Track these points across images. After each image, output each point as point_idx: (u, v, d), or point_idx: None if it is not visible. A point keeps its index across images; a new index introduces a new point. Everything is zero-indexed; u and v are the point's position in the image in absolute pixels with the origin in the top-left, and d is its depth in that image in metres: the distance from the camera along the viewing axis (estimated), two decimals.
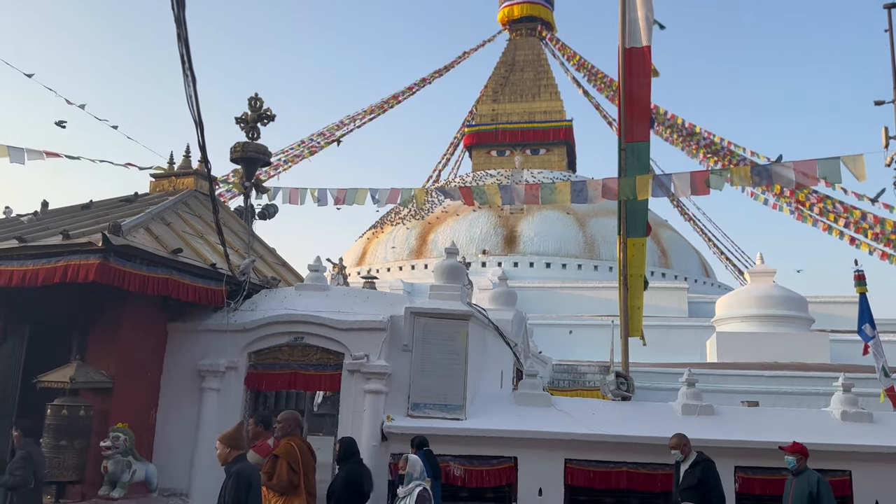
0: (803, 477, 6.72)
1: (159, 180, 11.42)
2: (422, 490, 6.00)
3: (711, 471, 6.96)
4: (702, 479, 6.91)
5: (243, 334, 8.90)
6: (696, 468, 7.00)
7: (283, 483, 5.99)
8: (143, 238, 8.14)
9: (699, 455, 7.11)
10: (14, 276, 7.54)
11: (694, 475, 6.99)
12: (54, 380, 7.75)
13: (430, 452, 7.65)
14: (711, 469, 6.97)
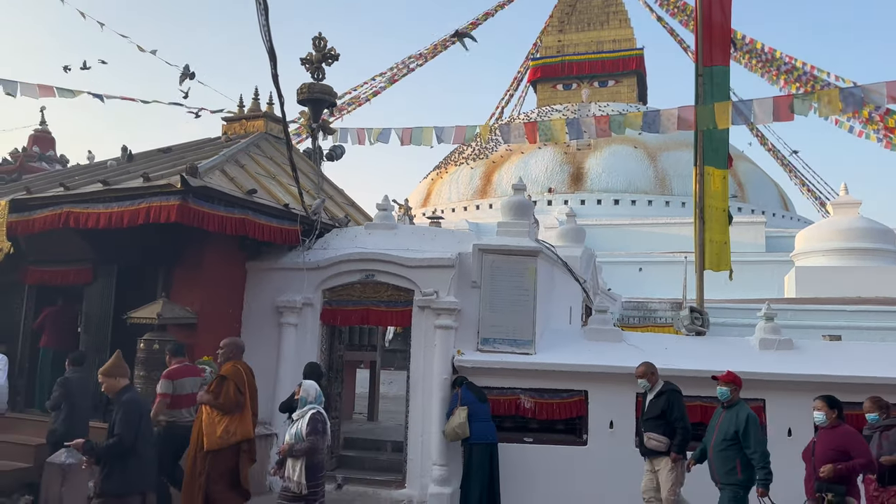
0: (733, 411, 6.30)
1: (230, 123, 11.66)
2: (315, 413, 5.90)
3: (676, 401, 6.75)
4: (665, 409, 6.75)
5: (317, 272, 9.15)
6: (661, 398, 6.84)
7: (231, 402, 6.36)
8: (218, 179, 8.38)
9: (665, 385, 6.93)
10: (101, 218, 7.91)
11: (658, 405, 6.85)
12: (143, 316, 8.19)
13: (472, 384, 8.07)
14: (676, 399, 6.75)
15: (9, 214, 8.46)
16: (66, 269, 9.42)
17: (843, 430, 5.71)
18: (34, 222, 8.38)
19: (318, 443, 5.74)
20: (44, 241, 9.13)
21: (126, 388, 5.66)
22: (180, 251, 8.68)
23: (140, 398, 5.71)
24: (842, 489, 5.48)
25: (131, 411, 5.44)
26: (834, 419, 5.74)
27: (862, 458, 5.51)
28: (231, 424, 6.27)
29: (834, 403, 5.79)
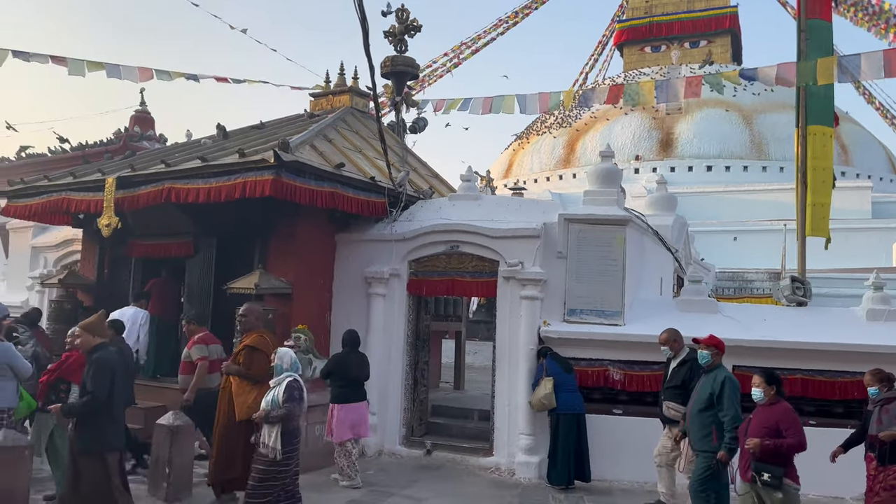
0: (711, 375, 6.02)
1: (318, 99, 11.90)
2: (291, 381, 5.90)
3: (698, 371, 6.36)
4: (686, 379, 6.52)
5: (403, 243, 9.28)
6: (683, 367, 6.60)
7: (262, 372, 6.32)
8: (308, 154, 8.59)
9: (689, 353, 6.60)
10: (200, 193, 8.27)
11: (679, 374, 6.62)
12: (241, 286, 8.57)
13: (556, 354, 8.07)
14: (698, 369, 6.36)
15: (116, 191, 8.98)
16: (168, 243, 9.95)
17: (780, 407, 5.30)
18: (139, 198, 8.85)
19: (294, 409, 5.80)
20: (148, 216, 9.67)
21: (98, 347, 5.60)
22: (274, 224, 8.99)
23: (112, 356, 5.60)
24: (780, 470, 5.07)
25: (102, 369, 5.42)
26: (772, 396, 5.33)
27: (792, 437, 5.11)
28: (261, 395, 6.15)
29: (772, 379, 5.38)
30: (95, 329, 5.73)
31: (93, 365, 5.45)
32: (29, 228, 14.20)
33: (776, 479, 5.02)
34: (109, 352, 5.64)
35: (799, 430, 5.17)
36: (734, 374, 7.78)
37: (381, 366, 9.11)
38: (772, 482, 5.02)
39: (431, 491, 7.39)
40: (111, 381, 5.42)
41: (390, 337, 9.25)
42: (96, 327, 5.78)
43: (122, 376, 5.66)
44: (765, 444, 5.07)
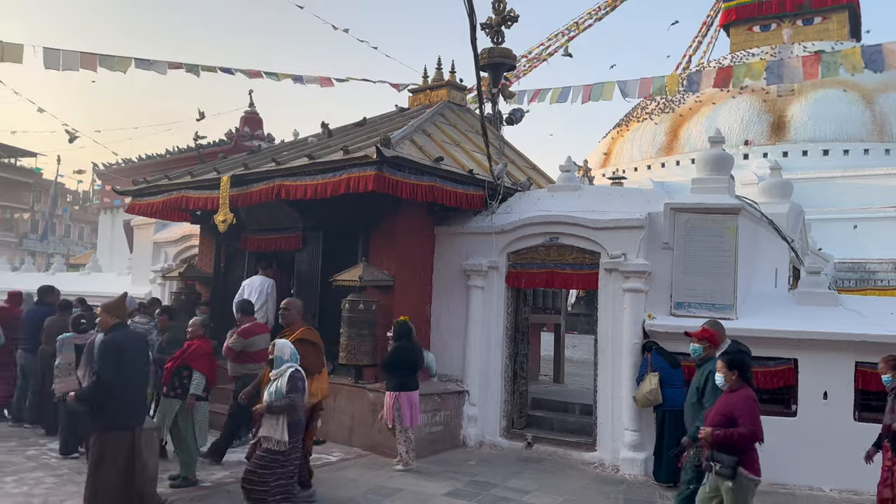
0: (703, 368, 5.73)
1: (416, 95, 12.08)
2: (294, 371, 5.77)
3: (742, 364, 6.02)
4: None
5: (502, 236, 9.28)
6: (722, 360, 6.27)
7: (316, 364, 6.39)
8: (408, 149, 8.74)
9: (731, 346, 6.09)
10: (308, 189, 8.59)
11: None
12: (346, 279, 8.85)
13: (662, 349, 7.83)
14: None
15: (230, 188, 9.48)
16: (278, 237, 10.42)
17: (739, 394, 4.91)
18: (251, 195, 9.31)
19: (297, 400, 5.71)
20: (259, 212, 10.16)
21: (113, 327, 5.62)
22: (376, 218, 9.21)
23: (121, 338, 5.58)
24: (732, 460, 4.72)
25: (108, 350, 5.46)
26: (734, 381, 4.96)
27: (744, 426, 4.73)
28: (312, 385, 6.17)
29: (733, 364, 4.98)
30: (115, 311, 5.78)
31: (101, 346, 5.55)
32: (151, 225, 15.22)
33: (728, 469, 4.74)
34: (120, 333, 5.65)
35: (753, 419, 4.79)
36: (857, 370, 7.36)
37: (480, 358, 9.18)
38: (723, 472, 4.75)
39: (535, 483, 7.36)
40: (117, 362, 5.44)
41: (489, 329, 9.27)
42: (115, 309, 5.81)
43: (132, 357, 5.63)
44: (715, 433, 4.81)
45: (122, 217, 20.58)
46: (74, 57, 10.13)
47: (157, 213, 11.47)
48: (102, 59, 10.09)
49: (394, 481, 7.23)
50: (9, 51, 9.74)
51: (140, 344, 5.96)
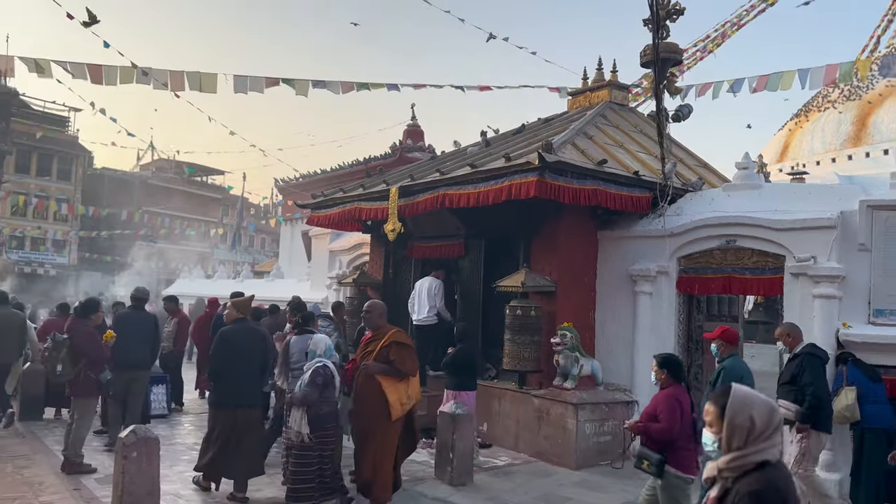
0: (719, 367, 5.95)
1: (575, 97, 11.91)
2: (319, 366, 5.80)
3: (809, 365, 6.20)
4: (795, 374, 6.25)
5: (671, 239, 8.87)
6: (794, 362, 6.34)
7: (413, 368, 6.16)
8: (570, 153, 8.64)
9: (803, 348, 6.38)
10: (470, 197, 8.77)
11: (789, 370, 6.35)
12: (508, 284, 8.91)
13: (859, 361, 7.07)
14: (809, 363, 6.21)
15: (398, 199, 9.92)
16: (442, 244, 10.74)
17: (665, 392, 5.08)
18: (417, 205, 9.67)
19: (311, 395, 5.71)
20: (425, 221, 10.54)
21: (234, 321, 6.70)
22: (538, 223, 9.19)
23: (230, 332, 6.60)
24: (656, 457, 4.76)
25: (219, 342, 6.53)
26: (664, 380, 5.13)
27: (663, 423, 4.85)
28: (409, 389, 6.10)
29: (664, 363, 5.17)
30: (240, 307, 6.90)
31: (215, 338, 6.64)
32: (327, 234, 16.32)
33: (654, 467, 4.78)
34: (234, 327, 6.67)
35: (671, 416, 4.87)
36: None
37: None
38: (650, 470, 4.82)
39: None
40: (226, 352, 6.46)
41: (659, 337, 8.89)
42: (241, 306, 6.93)
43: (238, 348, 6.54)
44: (636, 425, 5.00)
45: (300, 227, 22.28)
46: (260, 81, 11.13)
47: (333, 223, 12.27)
48: (284, 81, 10.99)
49: (563, 490, 7.14)
50: (206, 81, 10.91)
51: (250, 338, 6.71)
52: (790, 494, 2.30)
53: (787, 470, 2.43)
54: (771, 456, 2.31)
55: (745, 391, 2.41)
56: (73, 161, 46.32)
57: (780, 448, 2.35)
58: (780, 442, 2.35)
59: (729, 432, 2.34)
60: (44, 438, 8.71)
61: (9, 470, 7.16)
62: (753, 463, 2.28)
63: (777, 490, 2.25)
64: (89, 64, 10.35)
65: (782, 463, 2.40)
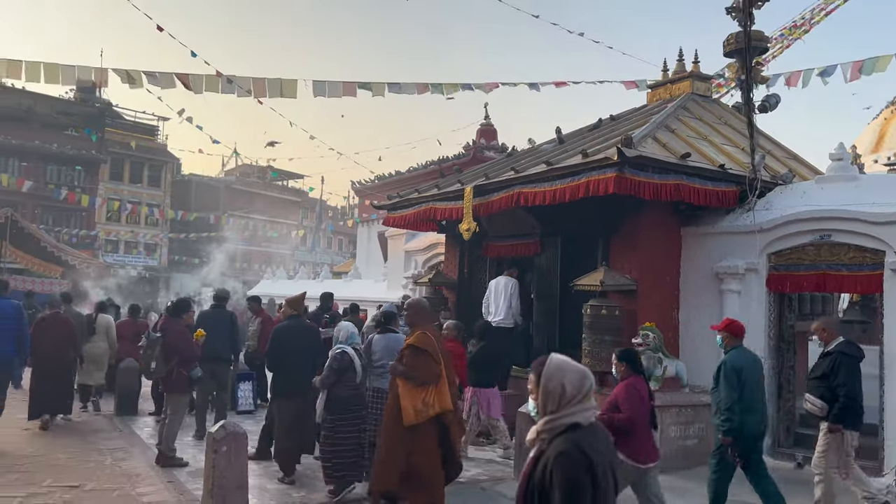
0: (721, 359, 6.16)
1: (655, 90, 11.58)
2: (337, 353, 6.29)
3: (843, 364, 6.00)
4: (827, 371, 6.07)
5: (760, 235, 8.47)
6: (827, 358, 6.18)
7: (428, 374, 5.58)
8: (651, 147, 8.38)
9: (837, 345, 6.19)
10: (546, 195, 8.65)
11: (822, 365, 6.20)
12: (587, 283, 8.73)
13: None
14: (843, 362, 6.01)
15: (473, 198, 9.90)
16: (517, 243, 10.65)
17: (626, 382, 5.45)
18: (492, 204, 9.62)
19: (327, 379, 6.23)
20: (499, 220, 10.47)
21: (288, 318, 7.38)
22: (616, 220, 8.97)
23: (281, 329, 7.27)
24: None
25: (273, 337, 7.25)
26: (623, 371, 5.55)
27: (624, 412, 5.24)
28: (428, 396, 5.60)
29: (622, 356, 5.64)
30: (293, 304, 7.53)
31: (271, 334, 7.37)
32: (402, 235, 16.51)
33: None
34: (285, 324, 7.36)
35: (630, 405, 5.24)
36: None
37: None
38: None
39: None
40: (277, 348, 7.10)
41: (748, 338, 8.42)
42: (294, 303, 7.56)
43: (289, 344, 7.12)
44: (599, 417, 4.88)
45: (377, 229, 22.64)
46: (337, 86, 11.37)
47: (409, 224, 12.38)
48: (361, 86, 11.18)
49: None
50: (286, 87, 11.23)
51: (302, 333, 7.30)
52: (597, 454, 2.39)
53: (602, 433, 2.56)
54: (582, 419, 2.45)
55: (559, 360, 2.56)
56: (163, 168, 48.79)
57: (592, 412, 2.49)
58: (592, 407, 2.50)
59: (543, 397, 2.48)
60: (139, 432, 9.17)
61: (108, 462, 7.57)
62: (564, 425, 2.42)
63: (582, 451, 2.35)
64: (177, 73, 10.83)
65: (596, 426, 2.54)
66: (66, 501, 6.11)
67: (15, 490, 6.36)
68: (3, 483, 6.57)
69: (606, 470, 2.39)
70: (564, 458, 2.34)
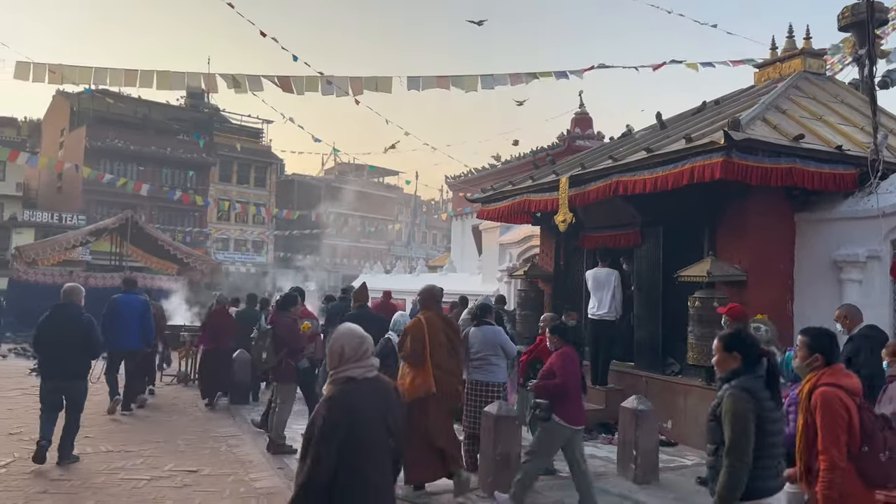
0: None
1: (763, 69, 10.97)
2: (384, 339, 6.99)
3: (863, 346, 5.99)
4: (850, 355, 5.94)
5: (884, 220, 7.84)
6: (849, 344, 6.13)
7: (410, 355, 6.19)
8: (760, 129, 7.93)
9: (860, 330, 6.22)
10: (647, 183, 8.36)
11: (844, 351, 5.94)
12: (692, 274, 8.39)
13: None
14: (864, 344, 5.99)
15: (568, 189, 9.72)
16: (616, 234, 10.36)
17: (559, 352, 5.91)
18: (588, 194, 9.41)
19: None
20: (596, 210, 10.23)
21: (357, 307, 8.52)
22: (723, 208, 8.56)
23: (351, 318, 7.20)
24: (546, 404, 5.70)
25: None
26: (556, 342, 6.03)
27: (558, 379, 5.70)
28: (417, 377, 6.13)
29: (555, 330, 6.12)
30: (357, 297, 8.44)
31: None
32: (496, 228, 16.48)
33: (544, 412, 5.69)
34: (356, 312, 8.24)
35: (564, 371, 5.72)
36: None
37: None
38: (541, 415, 5.73)
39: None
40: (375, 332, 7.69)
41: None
42: (358, 295, 8.55)
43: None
44: (537, 384, 5.83)
45: (470, 222, 22.72)
46: (431, 80, 11.45)
47: (503, 216, 12.33)
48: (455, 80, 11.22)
49: None
50: (381, 83, 11.45)
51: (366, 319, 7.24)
52: (361, 402, 2.96)
53: (378, 388, 3.09)
54: (356, 374, 3.02)
55: (345, 328, 3.20)
56: (267, 169, 51.07)
57: (367, 370, 3.05)
58: (368, 366, 3.07)
59: (329, 357, 3.09)
60: (250, 421, 9.64)
61: (223, 449, 8.00)
62: (343, 378, 3.02)
63: (345, 398, 2.95)
64: (279, 76, 11.27)
65: (371, 380, 3.06)
66: (185, 485, 6.51)
67: (140, 473, 6.85)
68: (130, 467, 7.08)
69: (372, 417, 2.96)
70: (328, 402, 2.94)
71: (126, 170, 41.80)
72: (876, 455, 3.41)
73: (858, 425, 3.42)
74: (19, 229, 38.66)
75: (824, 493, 3.34)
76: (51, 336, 6.99)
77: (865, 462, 3.40)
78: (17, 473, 6.66)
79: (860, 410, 3.47)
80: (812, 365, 3.64)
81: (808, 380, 3.65)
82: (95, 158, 40.30)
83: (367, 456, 2.88)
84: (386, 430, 3.00)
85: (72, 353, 6.95)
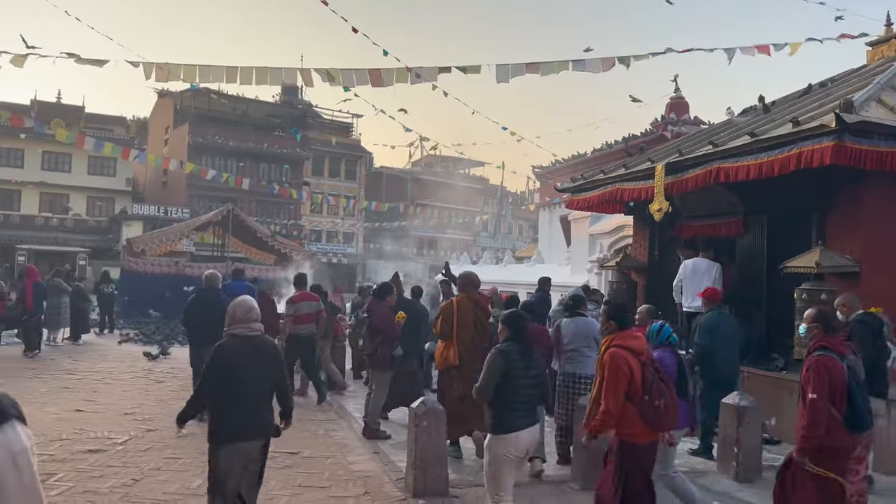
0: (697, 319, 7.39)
1: (877, 47, 10.24)
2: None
3: (858, 331, 6.18)
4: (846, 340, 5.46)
5: None
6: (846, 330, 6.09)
7: (438, 332, 7.14)
8: (875, 111, 7.42)
9: (857, 316, 6.38)
10: (750, 169, 7.98)
11: None
12: (800, 265, 7.97)
13: None
14: (858, 329, 6.19)
15: (665, 177, 9.42)
16: (716, 223, 9.97)
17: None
18: (686, 181, 9.08)
19: None
20: (694, 198, 9.86)
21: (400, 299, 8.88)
22: (832, 195, 8.09)
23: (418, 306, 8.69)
24: None
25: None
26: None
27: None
28: (446, 350, 7.03)
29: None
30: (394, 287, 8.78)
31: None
32: (586, 218, 16.21)
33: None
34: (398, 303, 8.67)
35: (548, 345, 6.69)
36: None
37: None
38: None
39: None
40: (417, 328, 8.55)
41: None
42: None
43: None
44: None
45: (558, 213, 22.45)
46: (520, 67, 11.36)
47: (593, 206, 12.10)
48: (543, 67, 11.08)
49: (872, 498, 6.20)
50: (470, 71, 11.48)
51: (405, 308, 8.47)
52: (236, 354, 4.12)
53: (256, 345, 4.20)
54: (238, 332, 4.19)
55: (243, 299, 4.37)
56: (357, 162, 52.29)
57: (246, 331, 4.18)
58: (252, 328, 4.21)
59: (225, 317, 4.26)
60: (346, 405, 9.94)
61: (321, 433, 8.29)
62: (229, 335, 4.19)
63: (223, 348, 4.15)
64: (370, 69, 11.49)
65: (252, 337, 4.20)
66: (287, 466, 6.79)
67: None
68: None
69: (246, 363, 4.09)
70: (216, 349, 4.14)
71: (226, 165, 43.83)
72: (653, 402, 4.32)
73: (640, 379, 4.33)
74: (129, 222, 41.39)
75: (596, 428, 4.47)
76: (196, 313, 8.53)
77: (645, 408, 4.31)
78: (133, 451, 7.14)
79: (643, 367, 4.40)
80: (608, 329, 4.62)
81: (604, 342, 4.61)
82: (197, 154, 42.50)
83: (241, 387, 4.07)
84: (261, 373, 4.17)
85: (213, 328, 7.48)
